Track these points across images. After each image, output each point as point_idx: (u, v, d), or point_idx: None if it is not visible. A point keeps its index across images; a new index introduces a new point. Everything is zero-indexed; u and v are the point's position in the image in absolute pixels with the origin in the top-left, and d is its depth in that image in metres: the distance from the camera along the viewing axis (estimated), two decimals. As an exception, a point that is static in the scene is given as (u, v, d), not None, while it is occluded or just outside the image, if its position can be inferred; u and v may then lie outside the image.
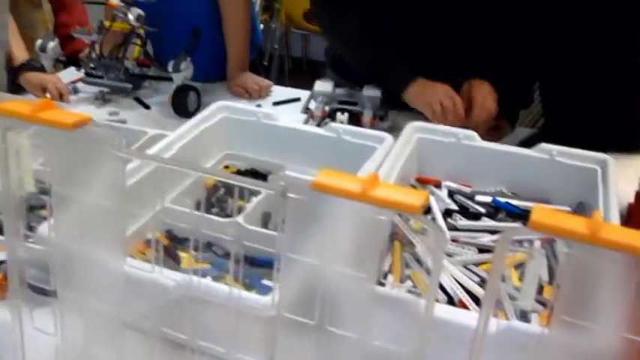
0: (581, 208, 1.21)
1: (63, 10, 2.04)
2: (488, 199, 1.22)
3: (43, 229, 0.93)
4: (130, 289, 0.79)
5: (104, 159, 0.73)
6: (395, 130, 1.40)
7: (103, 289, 0.79)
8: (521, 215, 1.20)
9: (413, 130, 1.27)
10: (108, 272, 0.78)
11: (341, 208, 0.62)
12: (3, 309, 0.99)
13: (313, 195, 0.63)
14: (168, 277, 0.81)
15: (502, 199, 1.22)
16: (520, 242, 1.12)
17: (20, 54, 1.78)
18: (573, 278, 0.60)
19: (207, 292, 0.78)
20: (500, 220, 1.19)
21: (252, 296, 0.78)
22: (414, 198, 0.57)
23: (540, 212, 0.57)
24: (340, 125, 1.30)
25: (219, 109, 1.35)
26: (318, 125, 1.55)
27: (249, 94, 1.83)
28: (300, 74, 4.00)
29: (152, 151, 1.16)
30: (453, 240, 1.11)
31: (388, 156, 1.16)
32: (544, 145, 1.25)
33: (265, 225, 1.18)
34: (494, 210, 1.21)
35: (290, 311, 0.72)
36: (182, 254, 1.12)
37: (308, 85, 1.95)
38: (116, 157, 0.72)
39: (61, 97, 1.70)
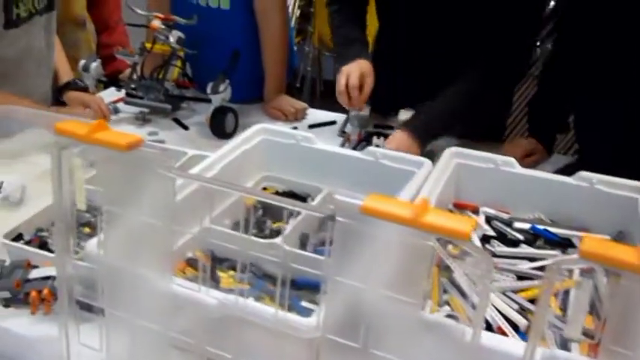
0: (621, 237, 1.20)
1: (105, 31, 2.10)
2: (526, 226, 1.22)
3: (91, 246, 0.95)
4: (176, 307, 0.80)
5: (154, 179, 0.75)
6: (429, 155, 1.41)
7: (150, 307, 0.81)
8: (560, 243, 1.20)
9: (451, 155, 1.28)
10: (155, 290, 0.80)
11: (389, 233, 0.63)
12: (50, 323, 1.02)
13: (361, 219, 0.64)
14: (214, 296, 0.82)
15: (541, 227, 1.22)
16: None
17: (65, 73, 1.82)
18: (622, 308, 0.60)
19: (252, 313, 0.79)
20: (538, 248, 1.19)
21: (296, 318, 0.78)
22: (464, 225, 0.58)
23: (590, 242, 0.57)
24: (378, 149, 1.31)
25: (259, 132, 1.37)
26: (354, 148, 1.57)
27: (286, 117, 1.85)
28: (331, 97, 4.02)
29: (194, 171, 1.18)
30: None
31: (427, 181, 1.16)
32: (583, 173, 1.25)
33: (303, 246, 1.19)
34: (533, 237, 1.21)
35: (334, 333, 0.72)
36: (221, 274, 1.14)
37: (338, 108, 1.97)
38: (166, 177, 0.74)
39: (103, 117, 1.74)
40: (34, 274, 1.03)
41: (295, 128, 1.76)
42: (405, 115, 1.62)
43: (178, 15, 1.78)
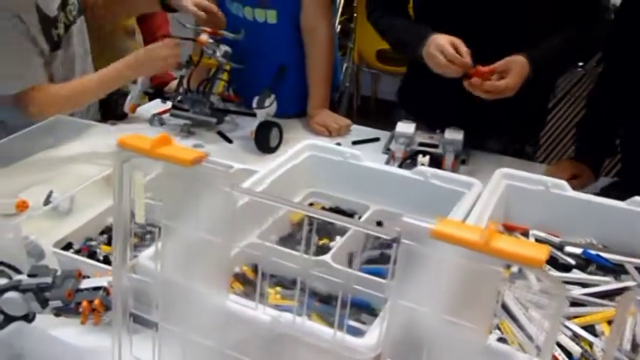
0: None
1: (152, 42, 2.12)
2: (578, 250, 1.20)
3: (144, 259, 0.95)
4: (230, 323, 0.80)
5: (215, 195, 0.75)
6: (476, 174, 1.39)
7: (204, 322, 0.80)
8: (613, 269, 1.17)
9: (501, 176, 1.26)
10: (209, 306, 0.80)
11: (456, 257, 0.62)
12: (99, 334, 1.02)
13: (428, 242, 0.63)
14: (269, 314, 0.81)
15: (593, 252, 1.19)
16: (610, 296, 1.09)
17: None
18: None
19: (309, 333, 0.78)
20: (590, 273, 1.16)
21: (354, 339, 0.77)
22: (537, 252, 0.57)
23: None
24: (428, 168, 1.30)
25: (307, 148, 1.37)
26: (400, 166, 1.55)
27: (330, 133, 1.85)
28: (368, 113, 4.02)
29: (244, 185, 1.18)
30: (543, 291, 1.09)
31: (477, 202, 1.15)
32: (637, 198, 1.22)
33: (349, 264, 1.18)
34: (585, 262, 1.18)
35: (392, 356, 0.71)
36: (268, 290, 1.14)
37: (374, 124, 1.97)
38: (228, 193, 0.74)
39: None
40: (85, 284, 1.04)
41: (339, 144, 1.76)
42: (451, 133, 1.60)
43: (226, 29, 1.79)
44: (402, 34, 1.66)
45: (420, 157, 1.57)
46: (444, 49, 1.48)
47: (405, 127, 1.64)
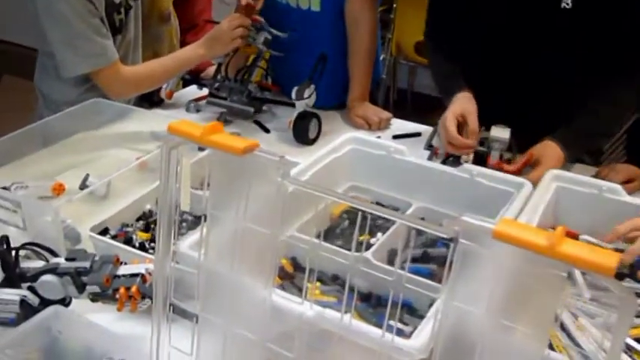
0: None
1: (192, 29, 2.13)
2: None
3: (184, 248, 0.96)
4: (275, 317, 0.80)
5: (266, 185, 0.75)
6: (522, 175, 1.37)
7: (247, 315, 0.81)
8: (668, 279, 1.14)
9: (552, 177, 1.24)
10: (254, 298, 0.80)
11: (518, 261, 0.61)
12: (136, 321, 1.03)
13: (488, 243, 0.62)
14: (315, 310, 0.81)
15: (647, 260, 1.17)
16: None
17: None
18: None
19: (356, 332, 0.78)
20: (644, 282, 1.14)
21: (402, 340, 0.77)
22: (607, 259, 0.55)
23: None
24: (474, 166, 1.29)
25: (349, 141, 1.37)
26: (443, 163, 1.54)
27: (369, 126, 1.84)
28: (404, 106, 4.00)
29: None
30: (593, 299, 1.07)
31: (527, 204, 1.13)
32: (694, 206, 1.19)
33: (390, 262, 1.18)
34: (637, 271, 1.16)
35: (442, 359, 0.71)
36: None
37: (411, 118, 1.95)
38: (279, 184, 0.74)
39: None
40: (122, 270, 1.05)
41: (379, 138, 1.75)
42: (497, 131, 1.58)
43: (269, 16, 1.79)
44: (439, 81, 1.72)
45: (463, 155, 1.55)
46: (446, 128, 1.51)
47: (450, 123, 1.62)
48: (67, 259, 1.04)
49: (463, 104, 1.55)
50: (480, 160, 1.56)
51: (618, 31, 1.47)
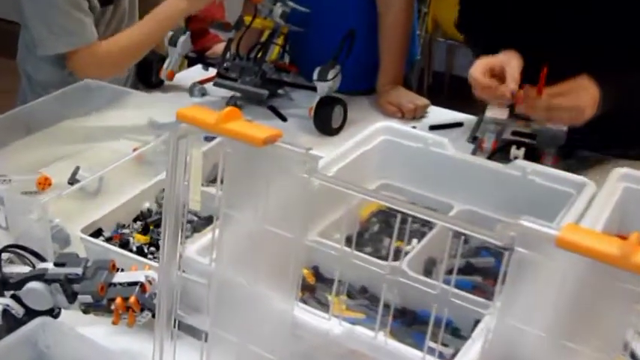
0: None
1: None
2: None
3: (191, 254, 0.96)
4: (297, 334, 0.80)
5: (289, 181, 0.76)
6: (580, 173, 1.37)
7: (265, 333, 0.81)
8: None
9: (619, 177, 1.24)
10: (274, 313, 0.80)
11: (585, 273, 0.61)
12: (133, 337, 1.05)
13: (550, 252, 0.62)
14: (345, 328, 0.82)
15: None
16: None
17: None
18: None
19: (393, 354, 0.78)
20: None
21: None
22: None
23: None
24: (527, 163, 1.29)
25: (380, 131, 1.37)
26: (489, 158, 1.54)
27: (403, 114, 1.84)
28: (441, 91, 3.99)
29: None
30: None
31: (590, 207, 1.13)
32: None
33: (428, 273, 1.18)
34: None
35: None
36: (329, 297, 1.14)
37: (448, 105, 1.95)
38: (305, 180, 0.74)
39: None
40: (118, 277, 1.06)
41: (414, 128, 1.75)
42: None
43: None
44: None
45: (513, 149, 1.55)
46: (470, 73, 1.50)
47: (497, 112, 1.61)
48: (55, 264, 1.05)
49: (502, 55, 1.51)
50: (532, 156, 1.56)
51: None
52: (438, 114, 1.90)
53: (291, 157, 0.74)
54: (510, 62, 1.48)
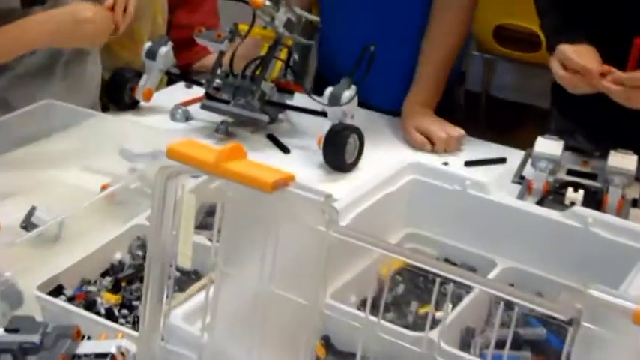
0: None
1: (184, 6, 2.16)
2: None
3: (176, 320, 0.97)
4: None
5: (302, 234, 0.77)
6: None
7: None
8: None
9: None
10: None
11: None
12: None
13: (624, 329, 0.63)
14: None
15: None
16: None
17: None
18: None
19: None
20: None
21: None
22: None
23: None
24: (587, 211, 1.29)
25: (408, 169, 1.38)
26: (539, 203, 1.55)
27: (433, 145, 1.86)
28: (475, 115, 4.00)
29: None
30: None
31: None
32: None
33: (465, 346, 1.18)
34: None
35: None
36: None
37: (485, 133, 1.95)
38: (323, 234, 0.75)
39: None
40: (84, 347, 1.06)
41: (446, 164, 1.77)
42: (618, 158, 1.59)
43: None
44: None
45: (569, 193, 1.56)
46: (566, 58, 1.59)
47: (549, 146, 1.63)
48: (7, 330, 1.06)
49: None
50: (593, 200, 1.57)
51: None
52: (474, 146, 1.91)
53: (306, 205, 0.75)
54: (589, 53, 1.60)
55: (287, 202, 0.75)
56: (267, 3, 1.79)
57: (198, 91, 1.92)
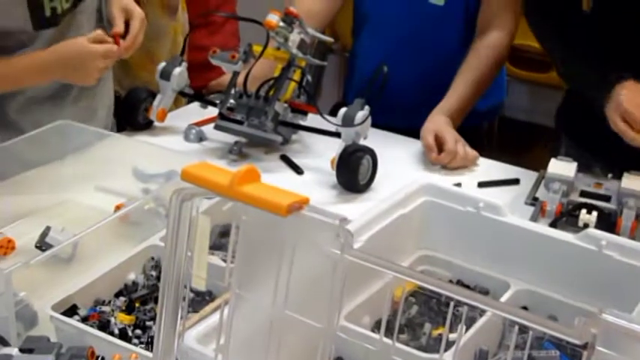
0: None
1: (203, 27, 2.16)
2: None
3: (190, 342, 0.97)
4: None
5: (317, 258, 0.77)
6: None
7: None
8: None
9: None
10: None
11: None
12: None
13: (638, 354, 0.63)
14: None
15: None
16: None
17: None
18: None
19: None
20: None
21: None
22: None
23: None
24: (600, 233, 1.29)
25: (421, 190, 1.38)
26: (553, 225, 1.55)
27: (439, 152, 1.87)
28: (488, 136, 4.00)
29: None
30: None
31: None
32: None
33: (478, 369, 1.18)
34: None
35: None
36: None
37: (497, 153, 1.95)
38: (337, 257, 0.75)
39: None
40: (98, 369, 1.07)
41: (459, 185, 1.77)
42: (632, 180, 1.59)
43: None
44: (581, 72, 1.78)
45: (583, 214, 1.56)
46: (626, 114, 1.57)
47: (562, 168, 1.63)
48: (21, 351, 1.06)
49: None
50: (606, 222, 1.57)
51: None
52: (487, 167, 1.91)
53: (321, 228, 0.75)
54: None
55: (301, 225, 0.76)
56: (281, 24, 1.80)
57: (213, 112, 1.93)
